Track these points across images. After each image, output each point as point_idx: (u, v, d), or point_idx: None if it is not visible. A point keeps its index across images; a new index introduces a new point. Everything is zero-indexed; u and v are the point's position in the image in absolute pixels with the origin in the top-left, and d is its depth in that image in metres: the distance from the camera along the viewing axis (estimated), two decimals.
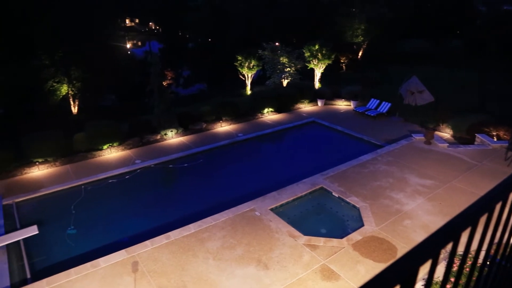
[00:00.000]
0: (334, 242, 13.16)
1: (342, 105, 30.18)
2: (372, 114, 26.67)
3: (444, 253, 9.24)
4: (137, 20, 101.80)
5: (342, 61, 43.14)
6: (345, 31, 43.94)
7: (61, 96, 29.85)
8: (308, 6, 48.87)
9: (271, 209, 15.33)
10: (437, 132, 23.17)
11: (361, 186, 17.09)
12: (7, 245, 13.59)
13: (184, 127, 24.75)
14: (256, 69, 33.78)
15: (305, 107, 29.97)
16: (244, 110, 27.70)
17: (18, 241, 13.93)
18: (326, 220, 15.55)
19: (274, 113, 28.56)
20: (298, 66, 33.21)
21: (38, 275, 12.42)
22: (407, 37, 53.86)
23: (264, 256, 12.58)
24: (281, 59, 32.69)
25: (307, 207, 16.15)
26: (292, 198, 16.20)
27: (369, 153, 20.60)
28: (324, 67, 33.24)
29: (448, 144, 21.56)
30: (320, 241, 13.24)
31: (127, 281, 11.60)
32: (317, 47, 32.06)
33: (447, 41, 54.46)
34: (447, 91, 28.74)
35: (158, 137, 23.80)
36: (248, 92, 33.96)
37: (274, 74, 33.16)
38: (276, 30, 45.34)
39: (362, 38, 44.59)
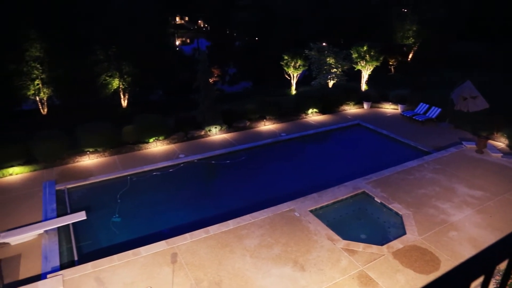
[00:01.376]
0: (374, 248, 12.85)
1: (389, 108, 29.35)
2: (420, 119, 25.74)
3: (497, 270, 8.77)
4: (186, 18, 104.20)
5: (390, 63, 41.92)
6: (395, 32, 42.65)
7: (112, 90, 31.22)
8: (357, 6, 47.92)
9: (311, 211, 15.21)
10: (490, 141, 21.96)
11: (405, 193, 16.56)
12: (58, 228, 14.44)
13: (228, 124, 25.09)
14: (302, 69, 33.57)
15: (350, 109, 29.43)
16: (288, 110, 27.64)
17: (68, 225, 14.76)
18: (366, 225, 15.21)
19: (318, 114, 28.28)
20: (345, 67, 32.66)
21: (84, 258, 13.11)
22: (462, 39, 51.30)
23: (301, 257, 12.52)
24: (328, 59, 32.28)
25: (347, 211, 15.88)
26: (332, 201, 15.99)
27: (415, 160, 19.91)
28: (371, 69, 32.47)
29: (502, 154, 20.39)
30: (359, 246, 12.98)
31: (165, 271, 11.94)
32: (365, 48, 31.38)
33: (507, 44, 51.32)
34: (504, 98, 27.17)
35: (202, 133, 24.28)
36: (293, 92, 33.83)
37: (320, 75, 32.82)
38: (323, 30, 44.81)
39: (413, 40, 43.08)
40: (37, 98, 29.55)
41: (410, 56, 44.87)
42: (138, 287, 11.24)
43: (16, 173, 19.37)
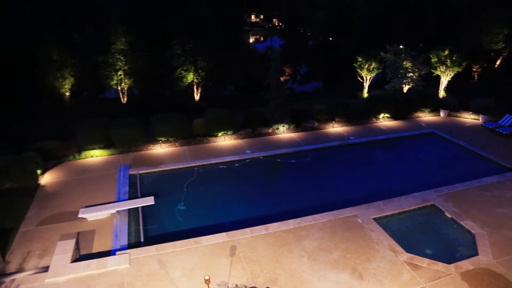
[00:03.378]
0: (440, 266, 12.11)
1: (469, 118, 27.35)
2: (504, 132, 23.67)
3: None
4: (262, 16, 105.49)
5: (474, 69, 39.01)
6: (482, 36, 39.42)
7: (186, 83, 32.67)
8: (440, 7, 45.04)
9: (374, 219, 14.72)
10: None
11: (480, 210, 15.37)
12: (128, 209, 15.45)
13: (296, 124, 25.05)
14: (376, 72, 32.52)
15: (425, 117, 27.91)
16: (359, 113, 26.91)
17: (138, 207, 15.72)
18: (433, 240, 14.33)
19: (390, 119, 27.18)
20: (422, 72, 31.01)
21: (149, 241, 13.90)
22: None
23: (360, 265, 12.17)
24: (404, 63, 30.87)
25: (413, 223, 15.11)
26: (398, 211, 15.32)
27: (495, 175, 18.35)
28: (452, 75, 30.40)
29: None
30: (423, 261, 12.31)
31: (224, 262, 12.26)
32: (446, 52, 29.43)
33: None
34: None
35: (270, 130, 24.49)
36: (365, 95, 32.89)
37: (394, 79, 31.51)
38: (402, 32, 42.88)
39: (503, 45, 39.49)
40: (119, 88, 31.80)
41: (498, 62, 41.30)
42: (196, 275, 11.67)
43: (97, 156, 21.05)
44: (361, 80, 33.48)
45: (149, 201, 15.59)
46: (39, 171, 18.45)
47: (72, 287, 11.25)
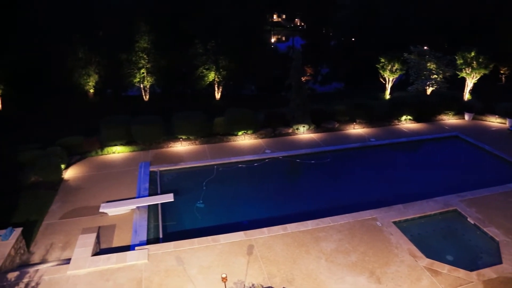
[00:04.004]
0: (461, 273, 11.83)
1: (495, 122, 26.61)
2: None
3: None
4: (284, 16, 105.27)
5: (502, 71, 37.92)
6: (510, 37, 38.15)
7: (208, 82, 32.88)
8: (467, 7, 43.90)
9: (394, 222, 14.49)
10: None
11: (505, 217, 14.93)
12: (148, 206, 15.67)
13: (316, 124, 24.91)
14: (398, 73, 31.99)
15: (449, 119, 27.31)
16: (380, 115, 26.53)
17: (157, 204, 15.92)
18: (455, 246, 14.01)
19: (413, 121, 26.71)
20: (447, 74, 30.33)
21: (168, 237, 14.08)
22: None
23: (379, 269, 12.01)
24: (429, 64, 30.26)
25: (434, 228, 14.80)
26: (419, 215, 15.05)
27: None
28: (478, 77, 29.62)
29: None
30: (444, 267, 12.06)
31: (241, 261, 12.30)
32: (473, 54, 28.67)
33: None
34: None
35: (290, 130, 24.42)
36: (387, 96, 32.41)
37: (418, 80, 30.92)
38: (426, 32, 42.00)
39: None
40: (141, 86, 32.27)
41: None
42: (213, 272, 11.74)
43: (118, 152, 21.43)
44: (383, 82, 32.99)
45: (169, 198, 15.77)
46: (63, 166, 18.92)
47: (92, 279, 11.49)
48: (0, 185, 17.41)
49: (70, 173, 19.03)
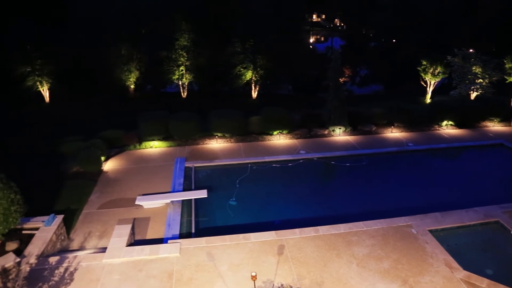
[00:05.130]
0: None
1: None
2: None
3: None
4: (323, 16, 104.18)
5: None
6: None
7: (245, 81, 33.07)
8: None
9: (430, 231, 13.99)
10: None
11: None
12: (182, 200, 15.97)
13: (353, 126, 24.49)
14: (441, 77, 30.93)
15: (494, 126, 26.07)
16: (420, 119, 25.69)
17: (190, 199, 16.18)
18: (495, 260, 13.35)
19: (454, 127, 25.71)
20: (494, 78, 28.98)
21: (200, 232, 14.28)
22: None
23: (412, 278, 11.65)
24: (474, 68, 29.04)
25: (474, 239, 14.18)
26: (457, 225, 14.45)
27: None
28: None
29: None
30: (482, 282, 11.51)
31: (271, 261, 12.28)
32: None
33: None
34: None
35: (326, 132, 24.15)
36: (428, 100, 31.42)
37: (461, 85, 29.73)
38: (472, 35, 40.31)
39: None
40: (180, 83, 32.93)
41: None
42: (243, 270, 11.80)
43: (156, 147, 21.97)
44: (424, 85, 31.99)
45: (202, 194, 15.99)
46: (103, 158, 19.61)
47: (126, 269, 11.83)
48: (45, 174, 18.36)
49: (109, 165, 19.71)
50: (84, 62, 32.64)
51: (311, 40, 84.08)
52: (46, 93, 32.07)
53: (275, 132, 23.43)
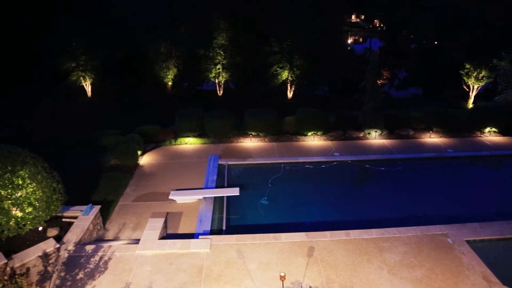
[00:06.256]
0: None
1: None
2: None
3: None
4: (362, 17, 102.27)
5: None
6: None
7: (281, 81, 33.02)
8: None
9: (467, 241, 13.45)
10: None
11: None
12: (214, 197, 16.17)
13: (389, 130, 23.91)
14: (485, 81, 29.62)
15: None
16: (461, 125, 24.69)
17: (222, 197, 16.37)
18: None
19: (498, 134, 24.57)
20: None
21: (230, 230, 14.42)
22: None
23: None
24: None
25: None
26: (497, 237, 13.81)
27: None
28: None
29: None
30: None
31: (300, 262, 12.22)
32: None
33: None
34: None
35: (361, 134, 23.73)
36: (470, 105, 30.20)
37: (508, 90, 28.34)
38: None
39: None
40: (216, 81, 33.32)
41: None
42: (272, 269, 11.80)
43: (190, 143, 22.37)
44: (467, 89, 30.78)
45: (235, 191, 16.12)
46: (139, 152, 20.17)
47: (157, 261, 12.13)
48: (85, 165, 19.13)
49: (145, 160, 20.26)
50: (124, 58, 33.67)
51: (349, 41, 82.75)
52: (88, 88, 33.37)
53: (309, 133, 23.26)
